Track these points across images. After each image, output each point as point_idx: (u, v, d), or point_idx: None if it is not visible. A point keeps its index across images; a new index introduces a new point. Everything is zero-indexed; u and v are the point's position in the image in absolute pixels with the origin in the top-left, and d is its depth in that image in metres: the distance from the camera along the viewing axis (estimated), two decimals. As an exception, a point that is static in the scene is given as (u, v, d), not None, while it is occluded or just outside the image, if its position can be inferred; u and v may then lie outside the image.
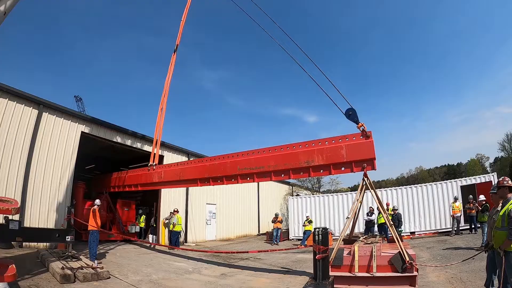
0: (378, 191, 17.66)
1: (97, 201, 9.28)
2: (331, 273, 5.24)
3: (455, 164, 79.42)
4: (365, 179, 6.09)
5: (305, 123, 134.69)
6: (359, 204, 6.31)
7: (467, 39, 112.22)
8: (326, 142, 6.50)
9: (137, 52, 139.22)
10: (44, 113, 10.30)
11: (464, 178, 16.68)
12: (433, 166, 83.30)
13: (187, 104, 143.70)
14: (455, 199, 13.96)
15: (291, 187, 30.66)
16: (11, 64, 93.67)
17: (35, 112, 10.03)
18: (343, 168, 6.33)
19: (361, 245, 5.47)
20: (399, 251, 4.93)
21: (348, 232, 7.11)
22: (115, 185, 12.59)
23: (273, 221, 16.44)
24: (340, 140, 6.32)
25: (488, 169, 66.18)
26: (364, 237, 7.58)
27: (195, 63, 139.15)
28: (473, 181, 15.13)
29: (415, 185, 17.24)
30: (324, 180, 33.91)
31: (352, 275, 5.03)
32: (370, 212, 14.15)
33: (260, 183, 24.17)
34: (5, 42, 76.08)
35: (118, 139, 13.29)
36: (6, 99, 9.26)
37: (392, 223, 6.40)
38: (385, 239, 12.74)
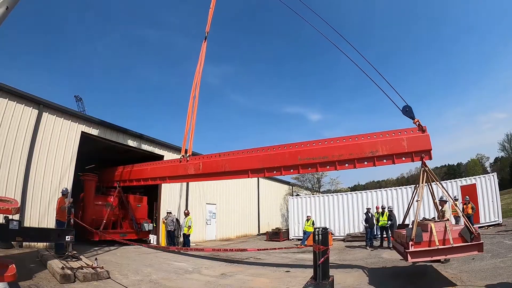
0: (378, 191, 17.84)
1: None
2: (414, 249, 5.77)
3: (455, 164, 79.47)
4: (424, 167, 6.65)
5: (309, 121, 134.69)
6: (422, 190, 6.80)
7: (467, 40, 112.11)
8: (387, 135, 7.11)
9: (137, 49, 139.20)
10: (44, 113, 10.29)
11: (464, 178, 16.67)
12: (433, 166, 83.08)
13: (186, 102, 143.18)
14: (455, 199, 13.95)
15: (291, 187, 30.65)
16: (11, 64, 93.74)
17: (35, 112, 10.02)
18: (404, 158, 6.93)
19: (435, 223, 6.15)
20: (466, 225, 5.80)
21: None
22: (133, 179, 11.59)
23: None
24: (399, 133, 6.97)
25: (488, 169, 66.25)
26: (422, 218, 8.26)
27: (196, 59, 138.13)
28: (473, 181, 15.13)
29: (416, 185, 17.19)
30: (324, 180, 34.00)
31: (433, 248, 5.75)
32: (368, 212, 14.13)
33: (260, 183, 24.29)
34: (5, 42, 76.12)
35: (119, 139, 13.29)
36: (6, 99, 9.25)
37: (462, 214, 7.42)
38: (385, 239, 12.81)
